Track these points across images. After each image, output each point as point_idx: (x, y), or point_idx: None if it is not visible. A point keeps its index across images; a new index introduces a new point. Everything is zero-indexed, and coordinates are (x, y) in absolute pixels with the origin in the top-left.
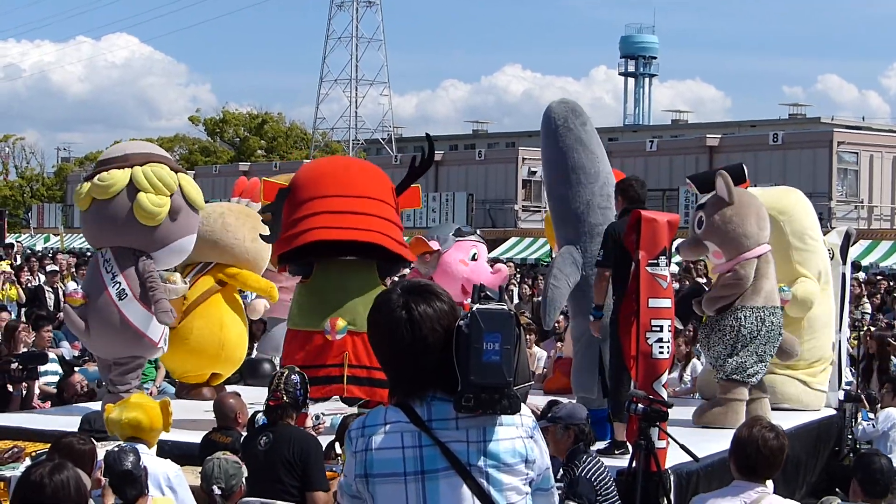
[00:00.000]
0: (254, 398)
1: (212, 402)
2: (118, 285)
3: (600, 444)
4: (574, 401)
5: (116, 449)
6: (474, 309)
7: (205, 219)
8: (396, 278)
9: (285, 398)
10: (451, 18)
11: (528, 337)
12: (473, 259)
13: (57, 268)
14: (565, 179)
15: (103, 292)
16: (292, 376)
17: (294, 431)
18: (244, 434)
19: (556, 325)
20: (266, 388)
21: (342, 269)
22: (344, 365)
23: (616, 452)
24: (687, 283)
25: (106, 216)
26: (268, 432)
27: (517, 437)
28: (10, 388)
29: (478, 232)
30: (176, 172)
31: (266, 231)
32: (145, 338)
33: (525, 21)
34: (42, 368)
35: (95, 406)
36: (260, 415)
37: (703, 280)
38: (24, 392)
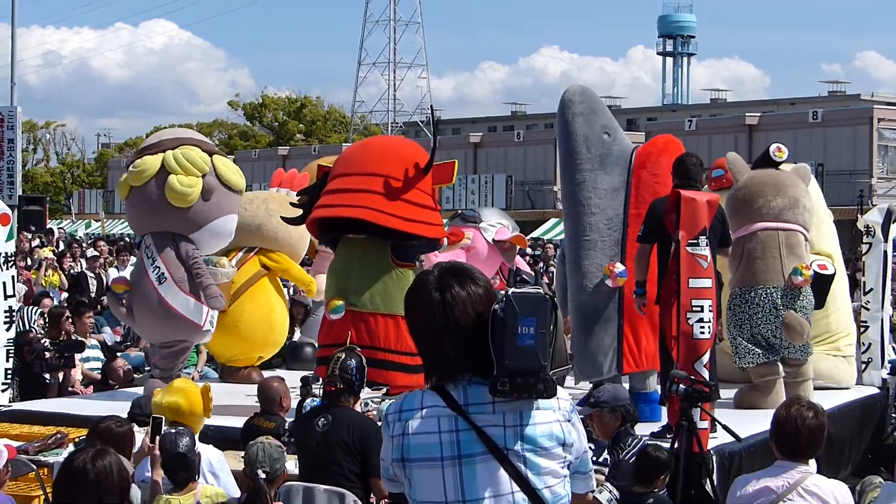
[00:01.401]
0: (296, 381)
1: (252, 386)
2: (157, 270)
3: (653, 427)
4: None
5: (173, 431)
6: (509, 293)
7: (248, 204)
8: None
9: (339, 384)
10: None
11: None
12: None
13: (98, 253)
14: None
15: (144, 278)
16: (349, 361)
17: (354, 415)
18: (287, 419)
19: None
20: (308, 372)
21: (354, 248)
22: (346, 344)
23: (668, 436)
24: None
25: (142, 202)
26: (326, 414)
27: (554, 420)
28: (46, 376)
29: (476, 213)
30: (211, 154)
31: (294, 213)
32: (188, 321)
33: (562, 1)
34: (85, 354)
35: (138, 391)
36: (308, 399)
37: None
38: (61, 379)
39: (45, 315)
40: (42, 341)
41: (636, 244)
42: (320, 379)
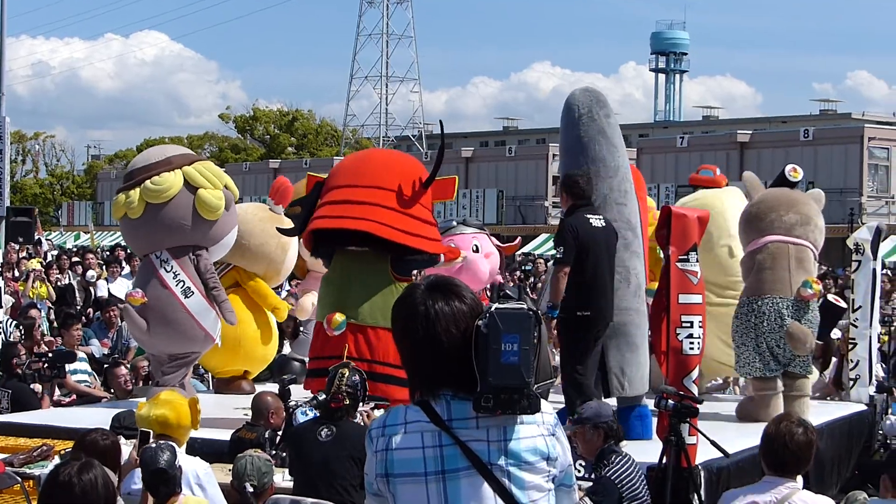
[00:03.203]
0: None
1: (244, 398)
2: (182, 284)
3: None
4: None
5: (154, 446)
6: (493, 309)
7: None
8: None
9: (347, 400)
10: (480, 15)
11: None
12: (476, 251)
13: (94, 272)
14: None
15: (164, 291)
16: (354, 377)
17: (358, 427)
18: (270, 432)
19: None
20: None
21: (352, 261)
22: (342, 357)
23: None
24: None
25: (164, 218)
26: (329, 425)
27: (538, 434)
28: (37, 387)
29: (480, 223)
30: None
31: (287, 225)
32: (208, 335)
33: (554, 17)
34: (72, 367)
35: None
36: (298, 410)
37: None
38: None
39: (21, 327)
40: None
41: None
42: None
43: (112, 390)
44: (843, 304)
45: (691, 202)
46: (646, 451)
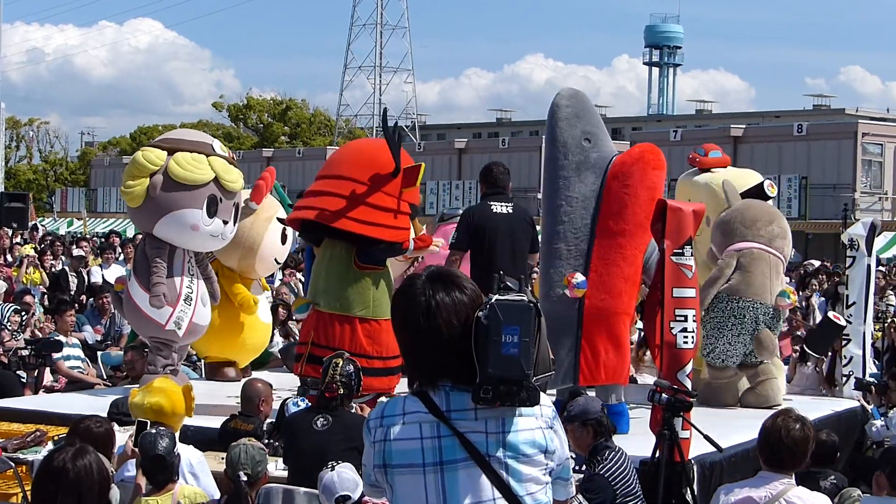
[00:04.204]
0: (283, 384)
1: (233, 385)
2: (125, 266)
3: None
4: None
5: (153, 432)
6: (493, 301)
7: None
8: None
9: (341, 389)
10: (472, 6)
11: None
12: None
13: (83, 253)
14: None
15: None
16: (347, 367)
17: (354, 417)
18: (266, 421)
19: None
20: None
21: (325, 250)
22: (308, 344)
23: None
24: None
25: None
26: (325, 415)
27: (536, 427)
28: (22, 374)
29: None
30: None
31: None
32: (149, 319)
33: (547, 9)
34: (65, 353)
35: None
36: (290, 400)
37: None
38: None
39: (21, 313)
40: (17, 339)
41: (601, 254)
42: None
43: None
44: (842, 322)
45: (718, 180)
46: (638, 445)
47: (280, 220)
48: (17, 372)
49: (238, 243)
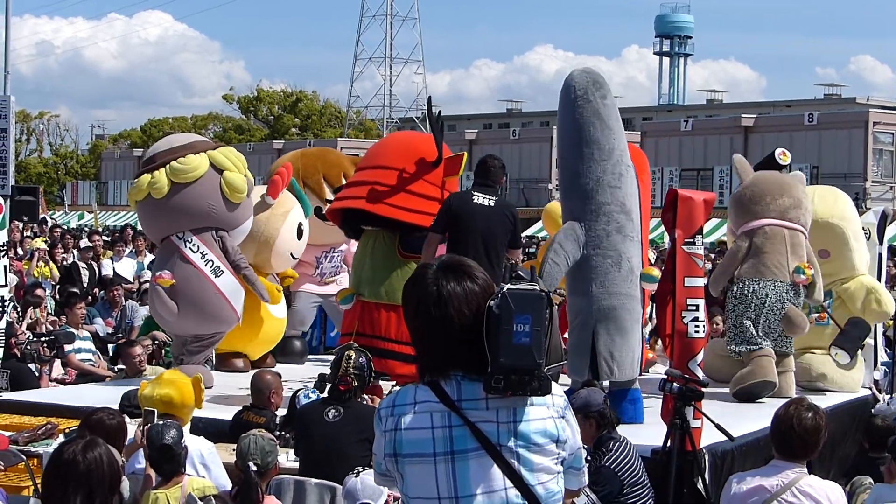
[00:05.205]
0: (285, 376)
1: (244, 377)
2: (211, 263)
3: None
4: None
5: (161, 423)
6: (505, 290)
7: None
8: None
9: (355, 382)
10: None
11: None
12: None
13: (91, 245)
14: (578, 153)
15: (193, 271)
16: (360, 359)
17: (366, 408)
18: (278, 413)
19: None
20: (295, 366)
21: (369, 240)
22: (352, 333)
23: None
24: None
25: (190, 198)
26: (336, 406)
27: (548, 417)
28: (33, 367)
29: None
30: None
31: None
32: (235, 313)
33: (556, 0)
34: (76, 346)
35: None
36: (301, 392)
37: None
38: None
39: (18, 308)
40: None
41: (645, 247)
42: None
43: (124, 368)
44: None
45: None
46: (649, 434)
47: (318, 211)
48: (29, 365)
49: (254, 238)
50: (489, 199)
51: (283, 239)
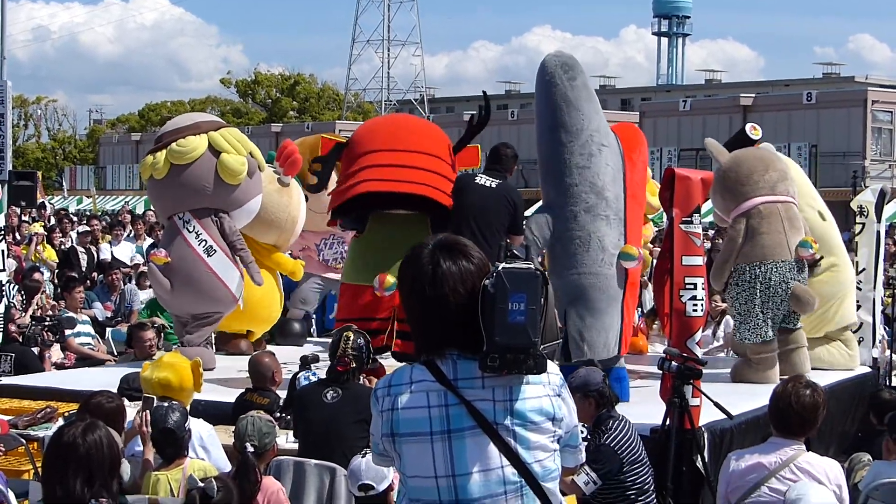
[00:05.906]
0: (284, 357)
1: (242, 358)
2: (205, 243)
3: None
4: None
5: (165, 405)
6: (500, 268)
7: None
8: None
9: (353, 363)
10: None
11: None
12: None
13: (90, 229)
14: (549, 138)
15: (188, 251)
16: (359, 340)
17: (364, 389)
18: (280, 395)
19: None
20: (294, 347)
21: (394, 224)
22: (392, 319)
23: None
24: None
25: (186, 179)
26: (335, 387)
27: (544, 395)
28: (36, 350)
29: None
30: None
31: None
32: (231, 293)
33: None
34: (75, 329)
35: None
36: (302, 374)
37: None
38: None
39: (23, 291)
40: (23, 317)
41: (635, 225)
42: (318, 359)
43: (133, 350)
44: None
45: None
46: (648, 413)
47: (310, 186)
48: (33, 348)
49: (274, 222)
50: (491, 182)
51: (301, 218)
